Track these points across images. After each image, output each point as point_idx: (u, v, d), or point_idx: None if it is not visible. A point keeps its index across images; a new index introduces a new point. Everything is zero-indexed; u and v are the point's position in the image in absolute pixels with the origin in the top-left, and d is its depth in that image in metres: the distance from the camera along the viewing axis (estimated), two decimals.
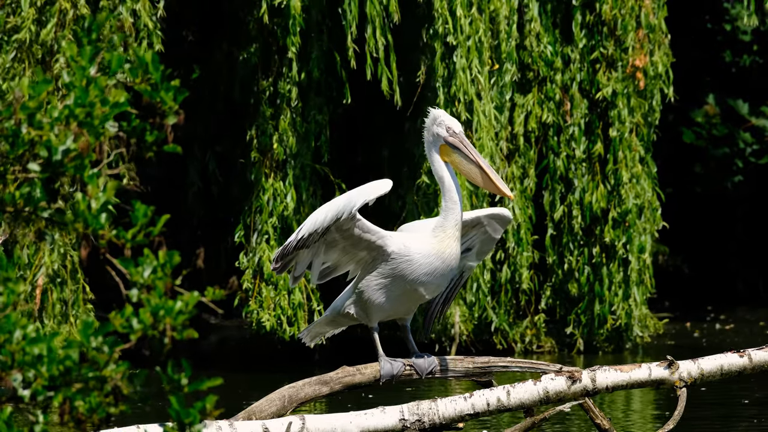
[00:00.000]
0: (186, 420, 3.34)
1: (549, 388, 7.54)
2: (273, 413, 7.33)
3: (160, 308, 3.32)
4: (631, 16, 14.68)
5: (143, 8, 13.08)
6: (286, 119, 13.82)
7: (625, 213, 14.71)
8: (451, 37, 13.67)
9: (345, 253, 7.57)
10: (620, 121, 14.72)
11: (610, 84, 14.72)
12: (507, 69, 14.12)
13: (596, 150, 14.82)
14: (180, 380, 3.38)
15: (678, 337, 17.07)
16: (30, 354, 3.16)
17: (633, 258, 14.72)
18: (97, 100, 3.42)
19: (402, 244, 7.47)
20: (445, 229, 7.49)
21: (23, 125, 3.32)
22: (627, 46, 14.68)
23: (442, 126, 7.60)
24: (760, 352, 7.74)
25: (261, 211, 13.69)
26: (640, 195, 14.75)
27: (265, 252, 13.59)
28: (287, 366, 14.66)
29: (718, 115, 20.59)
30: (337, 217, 7.35)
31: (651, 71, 14.75)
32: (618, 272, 14.79)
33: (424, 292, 7.54)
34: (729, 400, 10.93)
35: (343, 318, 7.74)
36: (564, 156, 14.84)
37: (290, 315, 13.51)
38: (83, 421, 3.27)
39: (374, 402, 8.87)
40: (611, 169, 14.78)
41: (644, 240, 14.76)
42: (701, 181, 20.95)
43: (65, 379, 3.21)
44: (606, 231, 14.72)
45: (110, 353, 3.30)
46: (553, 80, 14.85)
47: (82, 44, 3.39)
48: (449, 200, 7.52)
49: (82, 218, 3.20)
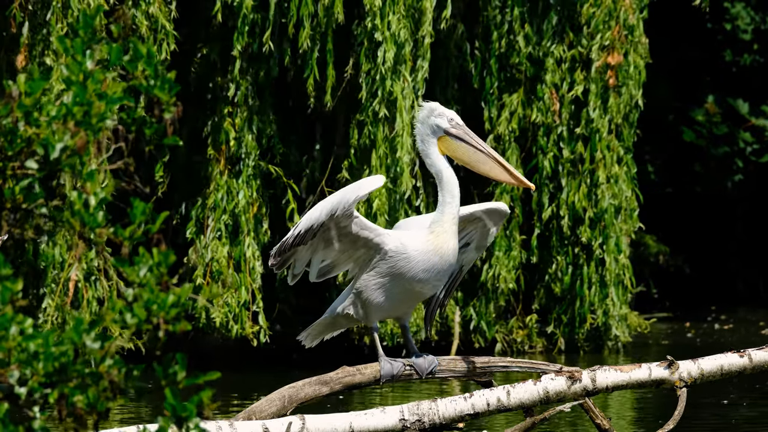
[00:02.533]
0: (182, 414, 3.33)
1: (549, 388, 7.53)
2: (273, 413, 7.32)
3: (153, 303, 3.31)
4: (611, 16, 14.64)
5: (158, 10, 13.10)
6: (242, 117, 13.80)
7: (601, 213, 14.71)
8: (378, 33, 13.60)
9: (343, 251, 7.53)
10: (591, 120, 14.71)
11: (583, 83, 14.71)
12: (420, 66, 13.98)
13: (578, 150, 14.81)
14: (176, 374, 3.37)
15: (671, 337, 17.08)
16: (26, 351, 3.15)
17: (609, 258, 14.73)
18: (95, 96, 3.41)
19: (399, 241, 7.42)
20: (442, 224, 7.40)
21: (20, 123, 3.32)
22: (600, 44, 14.64)
23: (443, 117, 7.50)
24: (760, 352, 7.73)
25: (214, 208, 13.65)
26: (617, 195, 14.74)
27: (218, 249, 13.55)
28: (287, 366, 14.64)
29: (718, 114, 20.59)
30: (331, 213, 7.31)
31: (624, 71, 14.70)
32: (596, 272, 14.81)
33: (423, 289, 7.49)
34: (729, 400, 10.92)
35: (342, 319, 7.70)
36: (551, 156, 14.84)
37: (237, 313, 13.49)
38: (82, 416, 3.26)
39: (374, 402, 8.87)
40: (588, 169, 14.77)
41: (620, 240, 14.76)
42: (701, 181, 20.95)
43: (61, 377, 3.20)
44: (583, 231, 14.73)
45: (104, 349, 3.29)
46: (543, 80, 14.83)
47: (78, 35, 3.38)
48: (448, 194, 7.42)
49: (78, 216, 3.19)
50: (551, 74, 14.82)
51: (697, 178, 20.96)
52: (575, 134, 14.82)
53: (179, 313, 3.36)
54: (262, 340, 13.66)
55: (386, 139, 13.68)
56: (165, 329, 3.33)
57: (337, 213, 7.30)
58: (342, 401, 11.04)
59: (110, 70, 3.50)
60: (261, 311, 13.59)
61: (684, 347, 15.76)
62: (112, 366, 3.24)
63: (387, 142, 13.68)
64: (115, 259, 3.29)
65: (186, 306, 3.44)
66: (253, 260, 13.63)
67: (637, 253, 20.11)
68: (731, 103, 20.63)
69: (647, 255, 20.23)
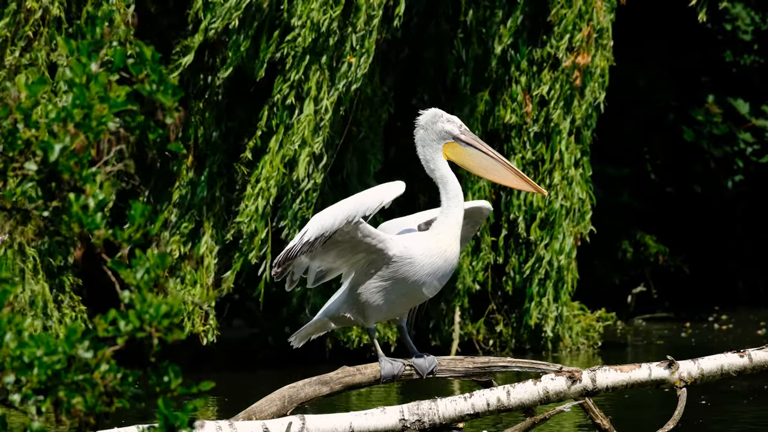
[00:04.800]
0: (174, 423, 3.32)
1: (549, 388, 7.54)
2: (273, 413, 7.32)
3: (145, 312, 3.30)
4: (582, 18, 14.62)
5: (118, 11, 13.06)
6: (212, 114, 13.77)
7: (551, 214, 14.73)
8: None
9: (340, 256, 7.51)
10: (552, 120, 14.71)
11: (548, 83, 14.70)
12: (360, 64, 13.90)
13: (539, 150, 14.81)
14: (169, 382, 3.36)
15: (671, 337, 17.07)
16: (20, 359, 3.14)
17: (554, 258, 14.75)
18: (96, 99, 3.40)
19: (403, 246, 7.42)
20: (447, 228, 7.44)
21: (20, 125, 3.31)
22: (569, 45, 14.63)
23: (453, 123, 7.55)
24: (760, 352, 7.73)
25: (178, 205, 13.61)
26: (568, 197, 14.74)
27: (178, 245, 13.53)
28: (286, 366, 14.64)
29: (719, 114, 20.58)
30: (348, 221, 7.25)
31: (591, 71, 14.69)
32: (539, 272, 14.83)
33: (426, 293, 7.51)
34: (729, 399, 10.92)
35: (338, 321, 7.68)
36: (519, 157, 14.84)
37: (189, 311, 13.46)
38: (81, 418, 3.26)
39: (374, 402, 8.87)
40: (547, 169, 14.78)
41: (565, 242, 14.76)
42: (701, 181, 20.94)
43: (54, 383, 3.20)
44: (532, 230, 14.76)
45: (97, 357, 3.28)
46: (517, 81, 14.82)
47: (85, 37, 3.37)
48: (453, 198, 7.47)
49: (77, 218, 3.18)
50: (525, 75, 14.82)
51: (697, 178, 20.95)
52: (540, 134, 14.83)
53: (171, 323, 3.35)
54: (210, 339, 13.55)
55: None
56: (158, 337, 3.32)
57: (355, 220, 7.25)
58: (342, 401, 11.04)
59: (113, 73, 3.49)
60: (212, 310, 13.51)
61: (684, 347, 15.76)
62: (108, 372, 3.24)
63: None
64: (111, 262, 3.28)
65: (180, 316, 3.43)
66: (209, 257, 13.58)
67: (637, 253, 20.10)
68: (731, 103, 20.63)
69: (647, 255, 20.22)
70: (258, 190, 13.38)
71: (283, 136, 13.47)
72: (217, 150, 13.77)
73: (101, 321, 3.29)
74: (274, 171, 13.39)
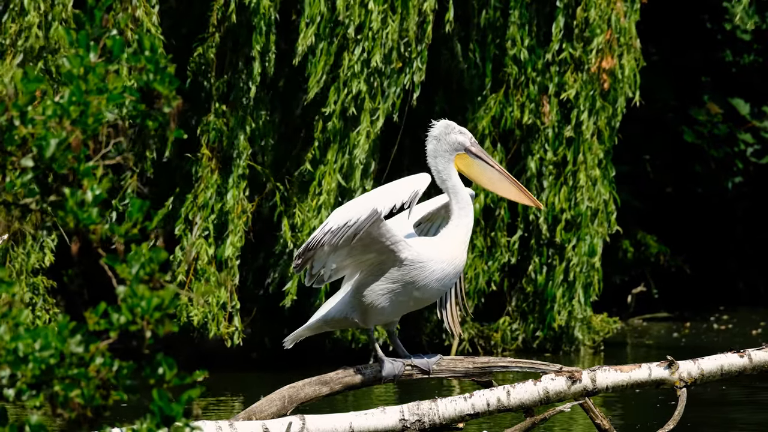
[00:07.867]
0: (170, 414, 3.30)
1: (549, 388, 7.53)
2: (273, 413, 7.31)
3: (137, 305, 3.29)
4: (602, 18, 14.62)
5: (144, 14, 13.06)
6: (237, 117, 13.77)
7: (578, 215, 14.73)
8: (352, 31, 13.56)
9: (351, 255, 7.49)
10: (581, 123, 14.71)
11: (575, 86, 14.69)
12: (417, 68, 13.89)
13: (561, 152, 14.81)
14: (164, 374, 3.35)
15: (671, 337, 17.06)
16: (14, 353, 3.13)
17: (579, 260, 14.73)
18: (94, 93, 3.39)
19: (416, 250, 7.43)
20: (458, 236, 7.51)
21: (16, 121, 3.30)
22: (593, 48, 14.63)
23: (465, 135, 7.63)
24: (760, 352, 7.73)
25: (203, 207, 13.60)
26: (594, 198, 14.75)
27: (202, 247, 13.52)
28: (286, 367, 14.64)
29: (719, 114, 20.57)
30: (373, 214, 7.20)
31: (618, 74, 14.70)
32: (563, 274, 14.83)
33: (431, 298, 7.57)
34: (729, 400, 10.91)
35: (336, 323, 7.66)
36: (537, 158, 14.83)
37: (215, 313, 13.46)
38: (78, 411, 3.25)
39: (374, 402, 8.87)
40: (570, 171, 14.78)
41: (596, 243, 14.77)
42: (701, 182, 20.93)
43: (48, 377, 3.19)
44: (558, 232, 14.76)
45: (90, 351, 3.26)
46: (534, 82, 14.82)
47: (84, 27, 3.35)
48: (465, 208, 7.55)
49: (72, 213, 3.17)
50: (542, 77, 14.82)
51: (697, 178, 20.95)
52: (561, 135, 14.81)
53: (163, 316, 3.34)
54: (236, 342, 13.56)
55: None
56: (150, 330, 3.31)
57: (384, 212, 7.27)
58: (342, 401, 11.03)
59: (113, 63, 3.48)
60: (237, 312, 13.53)
61: (684, 347, 15.76)
62: (102, 365, 3.22)
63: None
64: (107, 257, 3.27)
65: (171, 308, 3.42)
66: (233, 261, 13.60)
67: (638, 253, 20.09)
68: (731, 104, 20.62)
69: (647, 255, 20.22)
70: (320, 202, 13.48)
71: (338, 146, 13.56)
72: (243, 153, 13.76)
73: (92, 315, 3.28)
74: (333, 182, 13.47)
